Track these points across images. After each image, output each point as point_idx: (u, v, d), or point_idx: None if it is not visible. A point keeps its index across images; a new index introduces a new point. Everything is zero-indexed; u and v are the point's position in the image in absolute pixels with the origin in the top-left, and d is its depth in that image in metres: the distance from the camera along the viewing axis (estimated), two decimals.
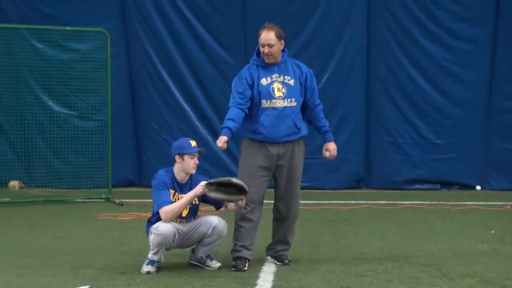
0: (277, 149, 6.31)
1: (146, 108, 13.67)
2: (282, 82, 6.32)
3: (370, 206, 10.99)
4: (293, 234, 6.66)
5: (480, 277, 6.02)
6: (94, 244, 7.63)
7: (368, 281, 5.84)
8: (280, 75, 6.35)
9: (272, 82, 6.30)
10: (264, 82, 6.30)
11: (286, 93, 6.29)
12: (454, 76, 13.32)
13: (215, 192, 6.01)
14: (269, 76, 6.32)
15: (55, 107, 12.87)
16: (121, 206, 10.80)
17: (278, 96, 6.27)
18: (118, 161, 12.52)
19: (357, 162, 13.51)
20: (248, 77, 6.32)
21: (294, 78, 6.36)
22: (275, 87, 6.29)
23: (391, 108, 13.47)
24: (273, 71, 6.34)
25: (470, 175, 13.42)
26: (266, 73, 6.33)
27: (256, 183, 6.29)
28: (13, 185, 12.80)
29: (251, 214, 6.37)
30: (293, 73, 6.39)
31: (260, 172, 6.33)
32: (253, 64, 6.42)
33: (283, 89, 6.29)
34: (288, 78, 6.34)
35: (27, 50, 12.56)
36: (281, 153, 6.32)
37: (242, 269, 6.26)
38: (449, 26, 13.25)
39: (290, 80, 6.34)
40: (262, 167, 6.33)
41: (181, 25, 13.47)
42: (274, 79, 6.31)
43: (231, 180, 6.01)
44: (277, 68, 6.36)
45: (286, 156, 6.36)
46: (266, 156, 6.32)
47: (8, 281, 5.80)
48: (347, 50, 13.32)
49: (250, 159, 6.37)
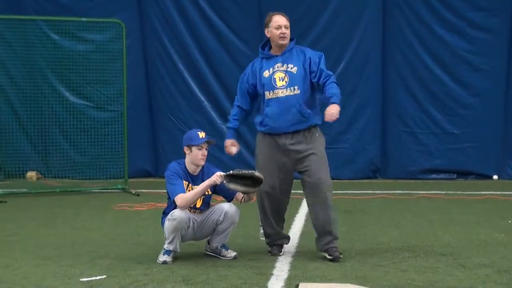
0: (286, 140, 6.24)
1: (162, 99, 13.71)
2: (284, 71, 6.24)
3: (386, 196, 10.97)
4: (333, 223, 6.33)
5: (497, 267, 5.99)
6: (110, 234, 7.67)
7: (384, 271, 5.83)
8: (283, 64, 6.28)
9: (274, 72, 6.26)
10: (267, 74, 6.28)
11: (289, 81, 6.21)
12: (471, 66, 13.26)
13: (234, 184, 6.01)
14: (271, 67, 6.29)
15: (71, 98, 12.97)
16: (137, 197, 10.85)
17: (280, 86, 6.22)
18: (134, 152, 12.58)
19: (373, 152, 13.49)
20: (249, 75, 6.40)
21: (297, 65, 6.26)
22: (277, 77, 6.24)
23: (407, 98, 13.43)
24: (276, 61, 6.30)
25: (487, 164, 13.36)
26: (269, 64, 6.31)
27: (270, 175, 6.24)
28: (31, 176, 12.90)
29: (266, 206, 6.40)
30: (297, 60, 6.30)
31: (274, 162, 6.28)
32: (258, 58, 6.45)
33: (286, 77, 6.23)
34: (291, 66, 6.26)
35: (43, 42, 12.64)
36: (291, 144, 6.24)
37: (277, 254, 6.43)
38: (466, 15, 13.18)
39: (293, 68, 6.25)
40: (275, 156, 6.28)
41: (197, 15, 13.49)
42: (276, 69, 6.27)
43: (253, 173, 6.01)
44: (281, 58, 6.30)
45: (301, 148, 6.25)
46: (276, 148, 6.27)
47: (27, 272, 5.85)
48: (362, 40, 13.29)
49: (262, 151, 6.37)
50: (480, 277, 5.62)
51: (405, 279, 5.55)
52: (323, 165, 6.29)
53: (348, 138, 13.26)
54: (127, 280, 5.54)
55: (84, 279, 5.58)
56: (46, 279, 5.60)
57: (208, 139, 6.24)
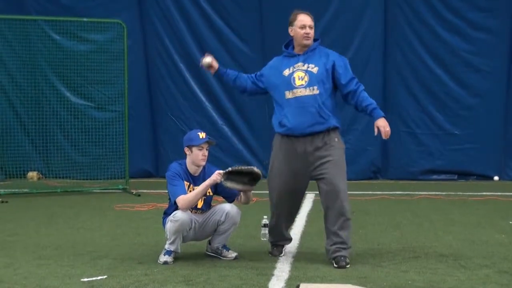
0: (305, 145, 6.09)
1: (163, 99, 13.72)
2: (305, 71, 6.12)
3: (387, 196, 10.97)
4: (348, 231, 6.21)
5: (498, 267, 5.99)
6: (111, 234, 7.67)
7: (385, 271, 5.84)
8: (304, 63, 6.16)
9: (294, 72, 6.15)
10: (286, 72, 6.17)
11: (309, 81, 6.08)
12: (472, 66, 13.25)
13: (231, 182, 6.00)
14: (291, 66, 6.18)
15: (72, 98, 12.97)
16: (138, 197, 10.85)
17: (299, 85, 6.09)
18: (135, 152, 12.58)
19: (374, 152, 13.49)
20: (271, 67, 6.35)
21: (318, 65, 6.13)
22: (296, 76, 6.12)
23: (408, 99, 13.43)
24: (297, 60, 6.20)
25: (487, 165, 13.36)
26: (289, 63, 6.21)
27: (285, 179, 6.18)
28: (32, 176, 12.91)
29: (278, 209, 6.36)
30: (319, 60, 6.18)
31: (288, 171, 6.16)
32: (280, 56, 6.38)
33: (306, 77, 6.10)
34: (312, 66, 6.13)
35: (45, 42, 12.65)
36: (309, 150, 6.09)
37: (277, 255, 6.39)
38: (467, 16, 13.18)
39: (314, 68, 6.12)
40: (291, 160, 6.15)
41: (198, 16, 13.50)
42: (296, 68, 6.16)
43: (253, 169, 5.99)
44: (302, 57, 6.20)
45: (319, 154, 6.10)
46: (293, 153, 6.14)
47: (28, 272, 5.85)
48: (364, 40, 13.29)
49: (278, 157, 6.25)
50: (480, 278, 5.62)
51: (405, 280, 5.55)
52: (340, 172, 6.16)
53: (349, 138, 13.23)
54: (128, 280, 5.54)
55: (85, 279, 5.59)
56: (47, 279, 5.60)
57: (208, 140, 6.23)
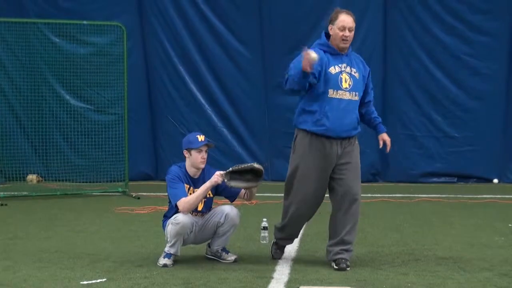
0: (336, 147, 5.98)
1: (162, 102, 13.72)
2: (349, 74, 5.98)
3: (387, 199, 10.97)
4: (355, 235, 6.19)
5: (497, 270, 5.99)
6: (111, 237, 7.67)
7: (385, 274, 5.83)
8: (347, 65, 6.00)
9: (341, 72, 5.95)
10: (333, 70, 5.93)
11: (352, 85, 5.96)
12: (472, 69, 13.26)
13: (235, 181, 5.99)
14: (338, 65, 5.96)
15: (72, 101, 12.96)
16: (137, 200, 10.84)
17: (345, 88, 5.93)
18: (134, 155, 12.57)
19: (374, 155, 13.45)
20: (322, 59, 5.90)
21: (359, 72, 6.05)
22: (343, 78, 5.94)
23: (408, 101, 13.43)
24: (342, 60, 6.00)
25: (487, 168, 13.36)
26: (336, 61, 5.97)
27: (313, 183, 6.04)
28: (31, 179, 12.89)
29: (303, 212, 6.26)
30: (358, 66, 6.08)
31: (316, 174, 6.01)
32: (319, 49, 5.97)
33: (350, 81, 5.96)
34: (354, 70, 6.01)
35: (44, 44, 12.63)
36: (339, 153, 5.99)
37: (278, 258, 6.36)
38: (467, 18, 13.18)
39: (356, 73, 6.01)
40: (319, 168, 6.00)
41: (198, 19, 13.50)
42: (343, 69, 5.97)
43: (253, 165, 5.96)
44: (347, 58, 6.03)
45: (345, 155, 6.03)
46: (324, 156, 5.98)
47: (27, 275, 5.84)
48: (364, 43, 13.26)
49: (306, 159, 6.02)
50: (480, 281, 5.62)
51: (405, 283, 5.55)
52: (357, 175, 6.12)
53: None
54: (128, 283, 5.54)
55: (85, 282, 5.58)
56: (47, 282, 5.60)
57: (207, 142, 6.23)
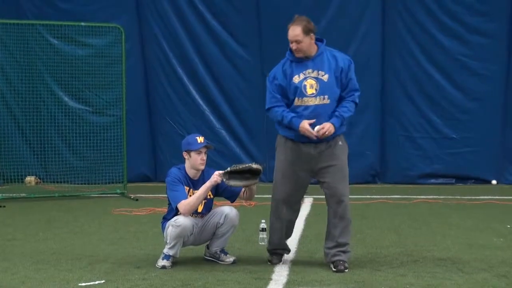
0: (309, 149, 6.03)
1: (160, 103, 13.71)
2: (315, 78, 5.95)
3: (385, 200, 10.97)
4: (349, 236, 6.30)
5: (495, 271, 6.00)
6: (109, 239, 7.66)
7: (383, 275, 5.84)
8: (313, 70, 5.97)
9: (305, 79, 5.95)
10: (297, 79, 5.96)
11: (319, 90, 5.93)
12: (470, 70, 13.25)
13: (234, 180, 5.99)
14: (302, 72, 5.97)
15: (70, 103, 12.94)
16: (136, 201, 10.84)
17: (310, 94, 5.92)
18: (133, 156, 12.55)
19: (372, 156, 13.48)
20: (281, 78, 6.00)
21: (329, 73, 5.98)
22: (307, 84, 5.93)
23: (406, 103, 13.42)
24: (306, 66, 5.99)
25: (485, 169, 13.35)
26: (299, 69, 5.99)
27: (288, 182, 6.12)
28: (29, 181, 12.88)
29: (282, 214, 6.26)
30: (328, 66, 6.01)
31: (292, 171, 6.09)
32: (287, 59, 6.08)
33: (316, 85, 5.93)
34: (322, 73, 5.96)
35: (42, 46, 12.61)
36: (315, 154, 6.04)
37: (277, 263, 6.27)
38: (465, 20, 13.18)
39: (324, 76, 5.96)
40: (295, 165, 6.08)
41: (196, 20, 13.49)
42: (307, 75, 5.96)
43: (251, 166, 5.96)
44: (312, 63, 6.00)
45: (327, 158, 6.10)
46: (299, 155, 6.06)
47: (25, 276, 5.84)
48: (362, 44, 13.27)
49: (283, 157, 6.14)
50: (478, 282, 5.63)
51: (403, 284, 5.56)
52: (343, 177, 6.21)
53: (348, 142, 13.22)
54: (126, 285, 5.54)
55: (83, 283, 5.58)
56: (45, 283, 5.60)
57: (206, 144, 6.23)
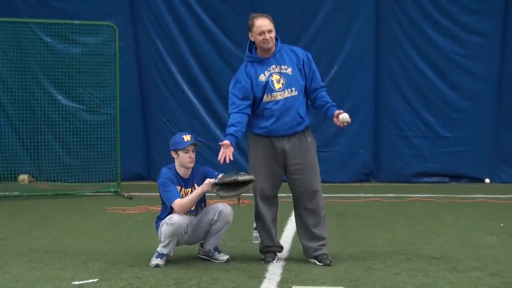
0: (282, 143, 6.15)
1: (154, 102, 13.69)
2: (279, 73, 6.11)
3: (379, 199, 10.98)
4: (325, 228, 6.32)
5: (489, 270, 6.01)
6: (103, 237, 7.65)
7: (377, 274, 5.84)
8: (276, 65, 6.13)
9: (271, 75, 6.10)
10: (263, 78, 6.10)
11: (286, 83, 6.09)
12: (464, 69, 13.29)
13: (224, 191, 5.97)
14: (266, 70, 6.11)
15: (64, 101, 12.92)
16: (130, 200, 10.83)
17: (278, 89, 6.07)
18: (127, 155, 12.54)
19: (366, 155, 13.50)
20: (245, 80, 6.14)
21: (291, 66, 6.15)
22: (274, 80, 6.09)
23: (400, 101, 13.45)
24: (269, 63, 6.14)
25: (479, 168, 13.39)
26: (263, 68, 6.13)
27: (264, 177, 6.18)
28: (22, 179, 12.86)
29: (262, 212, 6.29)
30: (290, 60, 6.17)
31: (267, 166, 6.18)
32: (248, 62, 6.23)
33: (282, 79, 6.10)
34: (285, 67, 6.13)
35: (36, 44, 12.59)
36: (287, 148, 6.15)
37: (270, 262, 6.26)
38: (459, 19, 13.22)
39: (288, 69, 6.12)
40: (269, 161, 6.18)
41: (190, 18, 13.48)
42: (271, 71, 6.11)
43: (237, 179, 5.91)
44: (273, 59, 6.15)
45: (297, 156, 6.17)
46: (272, 150, 6.17)
47: (19, 275, 5.83)
48: (356, 43, 13.30)
49: (256, 153, 6.25)
50: (472, 280, 5.64)
51: (397, 282, 5.56)
52: (313, 171, 6.24)
53: (341, 141, 13.26)
54: (119, 283, 5.53)
55: (76, 282, 5.58)
56: (38, 282, 5.59)
57: (193, 142, 6.21)
